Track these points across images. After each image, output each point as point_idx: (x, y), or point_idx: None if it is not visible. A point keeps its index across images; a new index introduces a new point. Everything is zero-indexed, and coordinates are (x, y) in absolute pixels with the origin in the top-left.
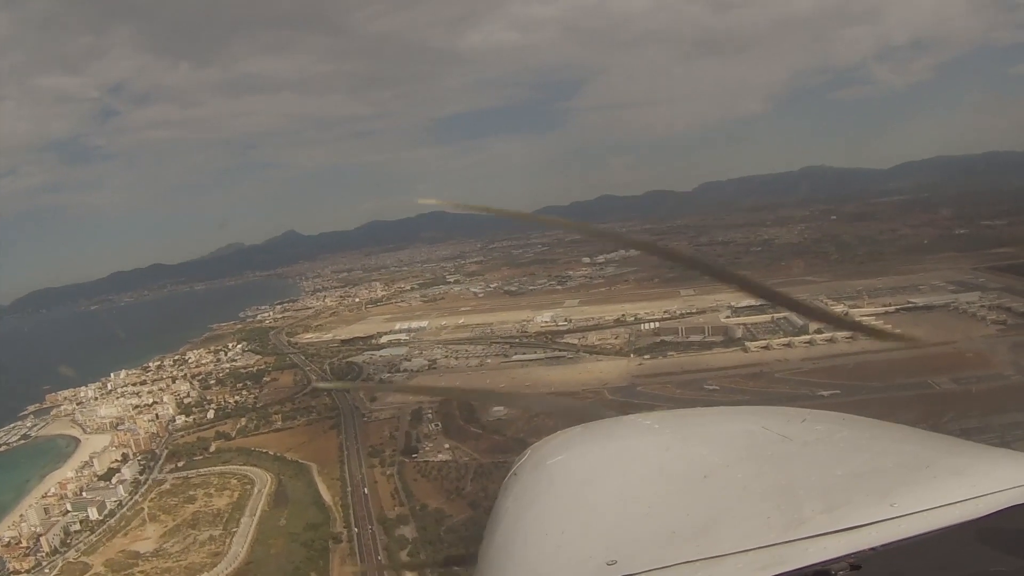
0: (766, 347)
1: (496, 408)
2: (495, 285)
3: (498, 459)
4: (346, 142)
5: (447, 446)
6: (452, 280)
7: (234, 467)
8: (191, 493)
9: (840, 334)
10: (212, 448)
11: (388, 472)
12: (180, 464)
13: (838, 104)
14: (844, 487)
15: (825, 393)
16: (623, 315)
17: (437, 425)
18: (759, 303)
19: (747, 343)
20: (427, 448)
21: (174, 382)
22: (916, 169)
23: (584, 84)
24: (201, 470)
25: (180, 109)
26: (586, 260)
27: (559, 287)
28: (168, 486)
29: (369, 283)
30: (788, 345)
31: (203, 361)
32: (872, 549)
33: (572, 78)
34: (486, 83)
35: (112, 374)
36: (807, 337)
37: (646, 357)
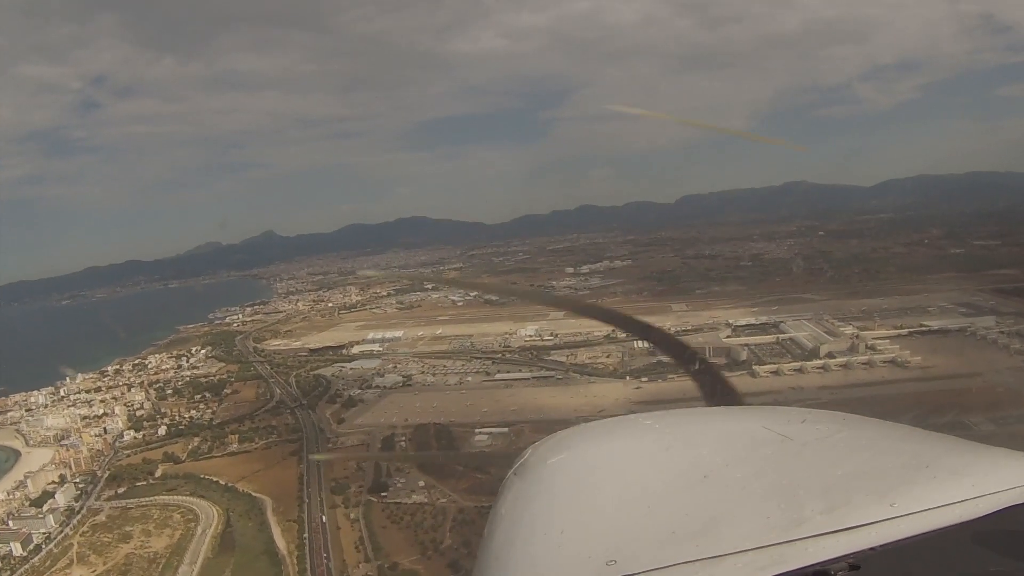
0: (776, 372)
1: (478, 438)
2: (475, 294)
3: (481, 503)
4: (328, 143)
5: (422, 483)
6: (430, 287)
7: (179, 498)
8: (127, 528)
9: (857, 359)
10: (158, 473)
11: (353, 515)
12: (120, 491)
13: (822, 122)
14: (844, 487)
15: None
16: (613, 330)
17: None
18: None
19: (755, 367)
20: (399, 485)
21: (130, 390)
22: (899, 187)
23: (569, 95)
24: (143, 499)
25: (163, 104)
26: (569, 270)
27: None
28: (104, 517)
29: (344, 287)
30: (800, 370)
31: (163, 367)
32: (872, 549)
33: (558, 88)
34: (471, 90)
35: (67, 378)
36: (819, 362)
37: (643, 380)
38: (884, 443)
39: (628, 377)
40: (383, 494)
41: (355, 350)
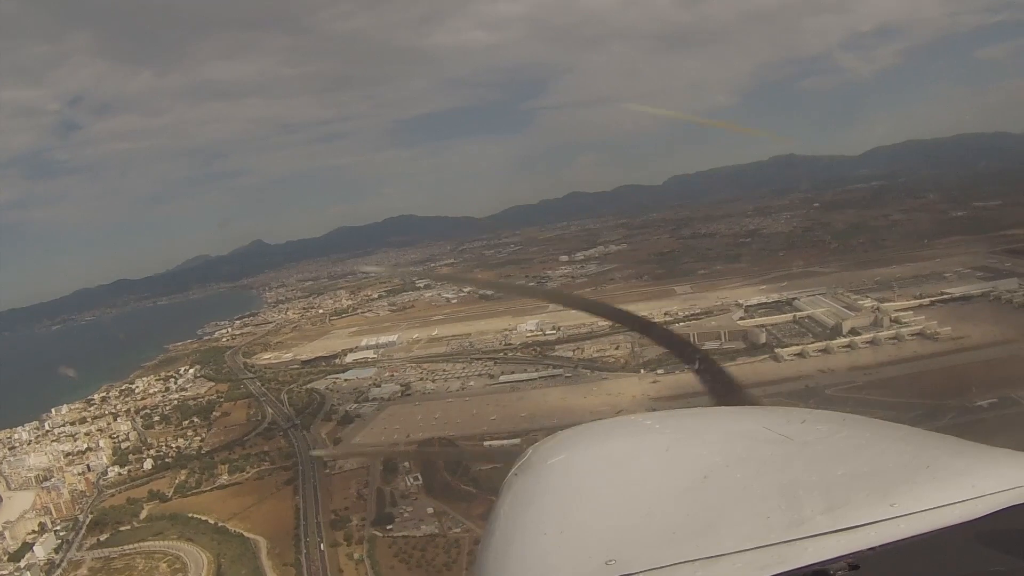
0: (801, 354)
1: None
2: (469, 289)
3: None
4: (312, 147)
5: (430, 511)
6: (422, 286)
7: (166, 543)
8: None
9: (884, 335)
10: (143, 514)
11: (357, 554)
12: (103, 538)
13: (805, 93)
14: (844, 487)
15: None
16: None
17: (416, 479)
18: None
19: (777, 350)
20: (405, 514)
21: (116, 419)
22: (887, 154)
23: (551, 82)
24: (127, 547)
25: (143, 118)
26: (564, 258)
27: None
28: (85, 571)
29: (334, 292)
30: (826, 351)
31: (151, 391)
32: (871, 549)
33: (539, 77)
34: (452, 83)
35: (53, 410)
36: (844, 340)
37: (659, 372)
38: (884, 443)
39: (643, 371)
40: (388, 527)
41: (349, 359)
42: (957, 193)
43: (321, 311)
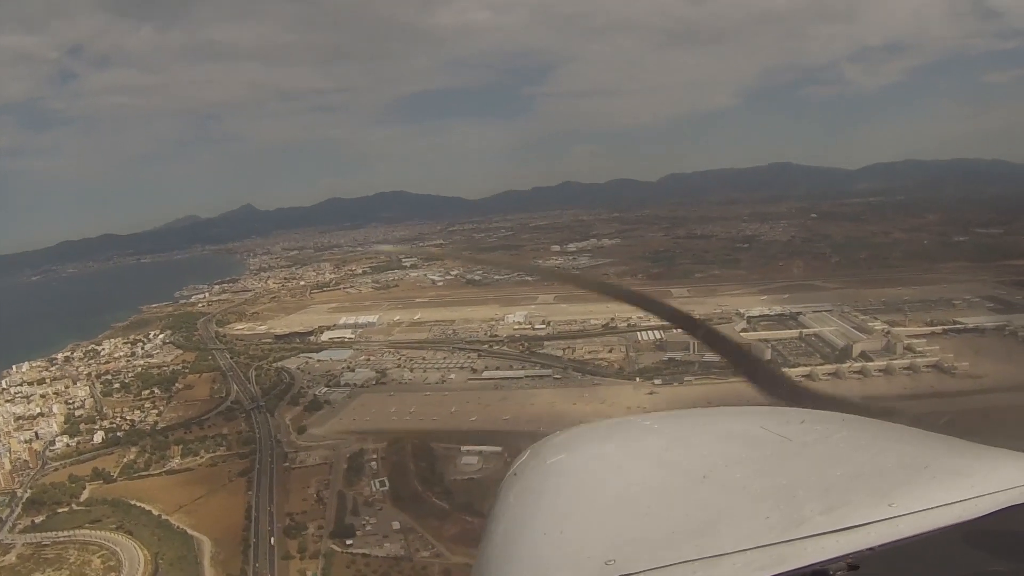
0: (809, 376)
1: (465, 460)
2: (456, 273)
3: (474, 557)
4: (308, 116)
5: (396, 526)
6: (408, 265)
7: (103, 533)
8: None
9: (897, 363)
10: (84, 495)
11: (311, 570)
12: (38, 520)
13: (807, 102)
14: (843, 487)
15: None
16: (612, 319)
17: (383, 484)
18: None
19: (784, 371)
20: (368, 527)
21: (75, 383)
22: (885, 171)
23: (553, 70)
24: (61, 533)
25: (141, 74)
26: (556, 248)
27: (529, 278)
28: (14, 557)
29: (318, 264)
30: (835, 375)
31: (116, 354)
32: (870, 549)
33: (541, 63)
34: (454, 63)
35: (14, 366)
36: (856, 365)
37: (657, 382)
38: (883, 443)
39: (638, 379)
40: (348, 541)
41: (325, 337)
42: (957, 216)
43: (302, 283)
